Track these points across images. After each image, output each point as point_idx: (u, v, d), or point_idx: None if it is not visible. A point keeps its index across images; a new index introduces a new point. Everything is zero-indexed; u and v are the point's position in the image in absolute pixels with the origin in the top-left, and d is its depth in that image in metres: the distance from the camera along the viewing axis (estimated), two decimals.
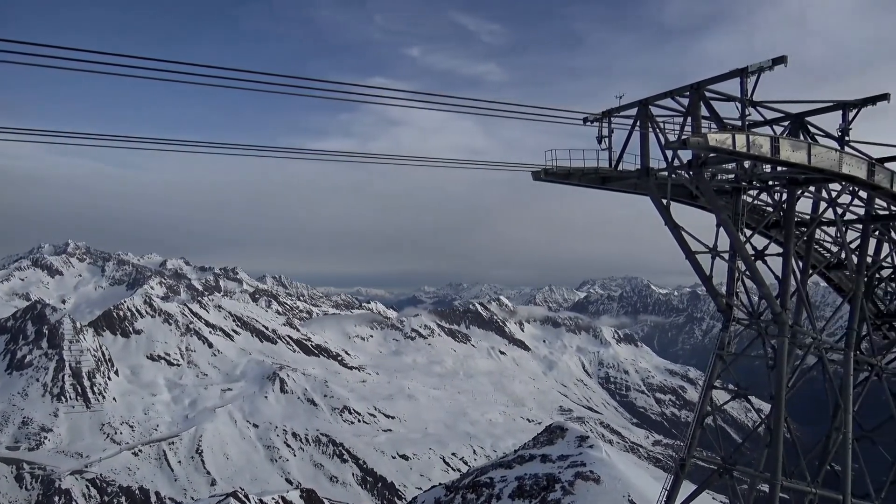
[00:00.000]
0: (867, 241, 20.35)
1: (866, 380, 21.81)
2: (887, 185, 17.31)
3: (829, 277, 22.74)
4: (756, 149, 14.71)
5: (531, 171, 19.39)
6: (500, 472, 42.76)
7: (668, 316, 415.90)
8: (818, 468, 21.02)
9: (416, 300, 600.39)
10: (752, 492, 19.89)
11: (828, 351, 20.03)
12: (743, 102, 16.03)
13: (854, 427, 20.15)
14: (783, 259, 18.84)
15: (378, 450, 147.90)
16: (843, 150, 16.77)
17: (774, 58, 15.25)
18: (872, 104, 17.37)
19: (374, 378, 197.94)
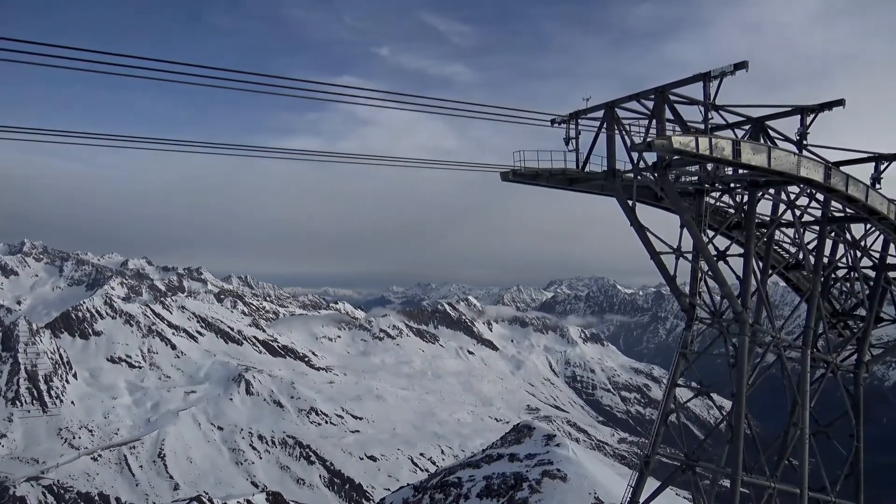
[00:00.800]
0: (824, 242, 20.98)
1: (822, 377, 22.49)
2: (842, 187, 17.83)
3: (788, 277, 23.39)
4: (718, 152, 15.03)
5: (499, 172, 19.47)
6: (469, 471, 42.85)
7: (634, 315, 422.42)
8: (777, 463, 21.60)
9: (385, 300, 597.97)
10: (714, 487, 20.30)
11: (786, 349, 20.57)
12: (706, 106, 16.36)
13: (811, 422, 20.74)
14: (744, 259, 19.30)
15: (346, 451, 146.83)
16: (801, 154, 17.22)
17: (736, 63, 15.59)
18: (828, 109, 17.87)
19: (342, 379, 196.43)
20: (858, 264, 22.51)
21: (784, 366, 20.37)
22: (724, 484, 19.37)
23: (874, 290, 22.89)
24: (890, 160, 19.92)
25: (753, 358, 19.87)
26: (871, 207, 18.70)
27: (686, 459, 20.79)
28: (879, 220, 19.49)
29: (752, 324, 19.21)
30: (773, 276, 21.87)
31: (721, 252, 20.25)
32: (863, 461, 23.03)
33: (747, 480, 19.32)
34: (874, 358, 24.12)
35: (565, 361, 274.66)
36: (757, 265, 19.91)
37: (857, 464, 22.99)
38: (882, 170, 19.95)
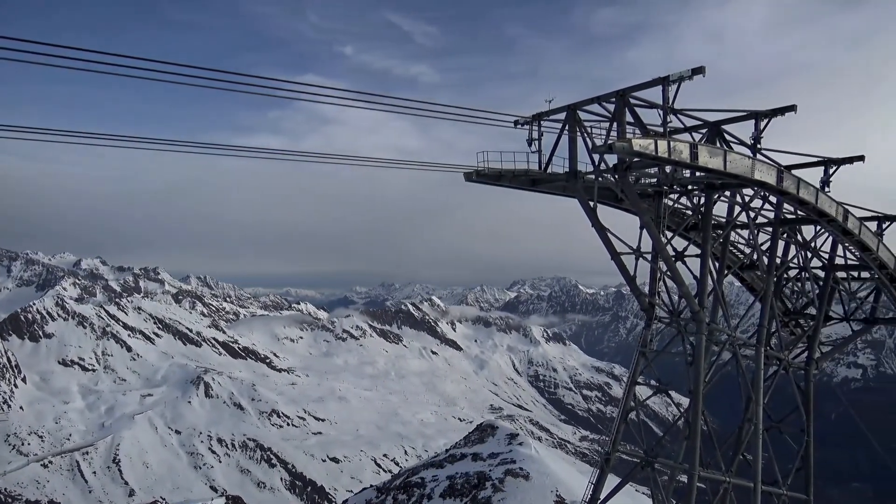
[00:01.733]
0: (776, 243, 21.65)
1: (775, 374, 23.21)
2: (794, 190, 18.40)
3: (743, 277, 24.08)
4: (677, 154, 15.33)
5: (463, 173, 19.51)
6: (432, 471, 42.84)
7: (595, 315, 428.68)
8: (732, 458, 22.17)
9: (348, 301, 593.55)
10: (672, 482, 20.74)
11: (741, 347, 21.14)
12: (665, 110, 16.69)
13: (764, 418, 21.36)
14: (701, 260, 19.75)
15: (308, 453, 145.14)
16: (755, 158, 17.69)
17: (694, 68, 15.95)
18: (781, 114, 18.43)
19: (304, 380, 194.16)
20: (809, 265, 23.31)
21: (739, 363, 20.93)
22: (682, 479, 19.79)
23: (823, 290, 23.73)
24: (838, 164, 20.67)
25: (710, 356, 20.35)
26: (820, 210, 19.34)
27: (645, 456, 21.17)
28: (828, 222, 20.18)
29: (709, 323, 19.68)
30: (728, 276, 22.47)
31: (679, 253, 20.70)
32: (812, 455, 23.86)
33: (704, 475, 19.78)
34: (824, 355, 25.01)
35: (528, 361, 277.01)
36: (713, 265, 20.41)
37: (807, 457, 23.80)
38: (831, 174, 20.68)
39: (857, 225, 20.69)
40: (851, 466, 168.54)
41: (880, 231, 22.55)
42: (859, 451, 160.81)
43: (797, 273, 24.02)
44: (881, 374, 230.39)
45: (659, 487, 20.76)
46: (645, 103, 16.93)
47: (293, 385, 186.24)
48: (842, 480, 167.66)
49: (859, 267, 23.48)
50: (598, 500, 21.94)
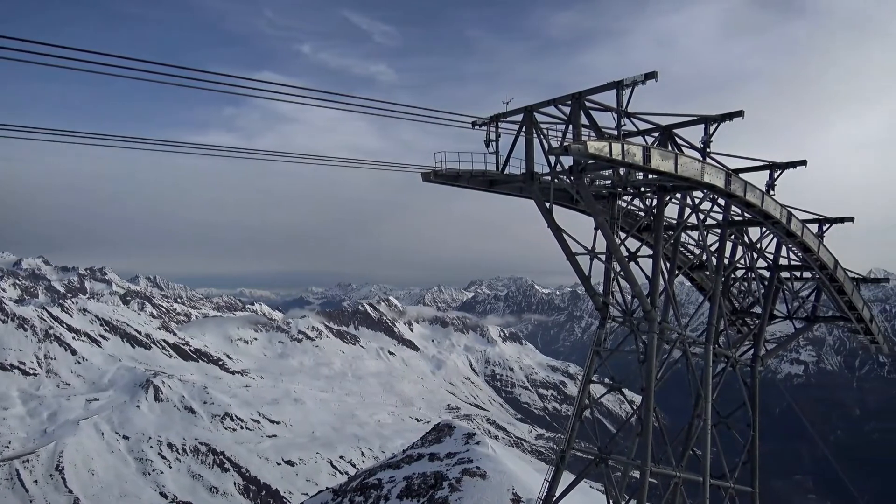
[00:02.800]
0: (724, 244, 22.34)
1: (723, 371, 23.94)
2: (741, 193, 18.99)
3: (693, 277, 24.78)
4: (630, 157, 15.63)
5: (421, 173, 19.50)
6: (389, 472, 42.63)
7: (551, 314, 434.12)
8: (682, 453, 22.76)
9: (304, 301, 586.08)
10: (625, 478, 21.16)
11: (691, 345, 21.73)
12: (619, 113, 17.02)
13: (712, 414, 22.01)
14: (653, 260, 20.21)
15: (262, 456, 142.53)
16: (704, 161, 18.20)
17: (647, 73, 16.32)
18: (729, 120, 19.02)
19: (259, 382, 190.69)
20: (755, 265, 24.14)
21: (689, 361, 21.51)
22: (635, 475, 20.20)
23: (769, 289, 24.59)
24: (782, 168, 21.46)
25: (661, 354, 20.84)
26: (766, 212, 20.01)
27: (599, 453, 21.53)
28: (773, 224, 20.89)
29: (660, 322, 20.15)
30: (679, 276, 23.07)
31: (632, 253, 21.13)
32: (758, 449, 24.70)
33: (655, 471, 20.24)
34: (768, 352, 25.93)
35: (485, 360, 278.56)
36: (665, 266, 20.90)
37: (753, 451, 24.62)
38: (775, 177, 21.46)
39: (799, 227, 21.51)
40: (794, 459, 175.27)
41: (821, 233, 23.49)
42: (801, 444, 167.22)
43: (744, 273, 24.84)
44: (821, 370, 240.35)
45: (612, 483, 21.14)
46: (600, 106, 17.24)
47: (247, 387, 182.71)
48: (785, 473, 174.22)
49: (801, 267, 24.40)
50: (553, 497, 22.22)
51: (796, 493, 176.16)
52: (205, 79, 13.51)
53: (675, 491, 21.28)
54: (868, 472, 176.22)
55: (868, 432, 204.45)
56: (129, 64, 12.23)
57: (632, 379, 21.32)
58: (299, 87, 15.09)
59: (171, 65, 12.75)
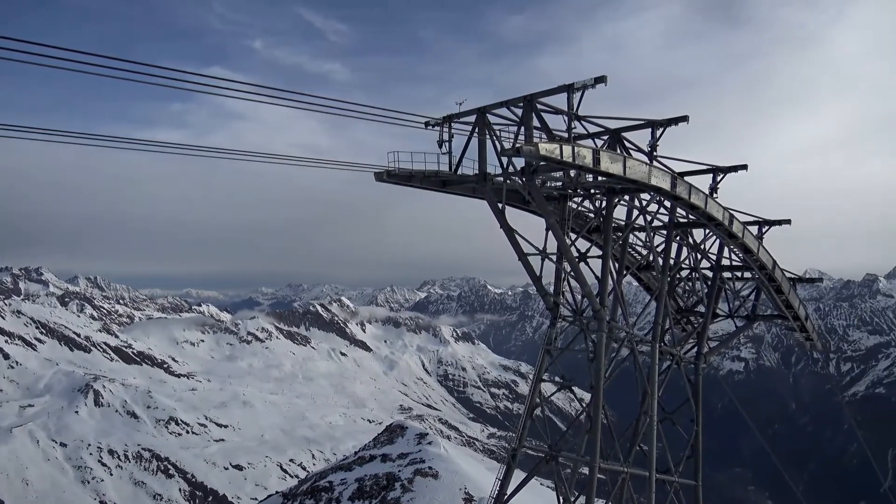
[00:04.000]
0: (670, 245, 22.99)
1: (668, 368, 24.63)
2: (686, 196, 19.58)
3: (640, 277, 25.41)
4: (580, 159, 15.90)
5: (373, 172, 19.37)
6: (340, 474, 42.22)
7: (503, 314, 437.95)
8: (629, 449, 23.30)
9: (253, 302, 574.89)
10: (574, 475, 21.52)
11: (638, 343, 22.26)
12: (569, 116, 17.29)
13: (658, 410, 22.62)
14: (602, 261, 20.63)
15: (209, 461, 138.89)
16: (651, 164, 18.68)
17: (596, 77, 16.62)
18: (675, 124, 19.57)
19: (206, 385, 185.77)
20: (699, 265, 24.95)
21: (636, 359, 22.03)
22: (584, 472, 20.56)
23: (711, 289, 25.45)
24: (725, 172, 22.24)
25: (610, 352, 21.28)
26: (709, 214, 20.68)
27: (549, 451, 21.83)
28: (716, 226, 21.62)
29: (609, 321, 20.58)
30: (627, 276, 23.62)
31: (582, 254, 21.51)
32: (701, 443, 25.51)
33: (604, 467, 20.65)
34: (711, 350, 26.82)
35: (438, 360, 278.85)
36: (613, 266, 21.36)
37: (696, 446, 25.40)
38: (718, 180, 22.23)
39: (740, 229, 22.32)
40: (734, 453, 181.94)
41: (760, 235, 24.45)
42: (741, 437, 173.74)
43: (688, 273, 25.62)
44: (761, 366, 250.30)
45: (562, 480, 21.46)
46: (551, 109, 17.47)
47: (193, 391, 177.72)
48: (726, 466, 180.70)
49: (742, 268, 25.33)
50: (504, 495, 22.41)
51: (737, 485, 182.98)
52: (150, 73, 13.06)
53: (623, 486, 21.77)
54: (802, 463, 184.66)
55: (803, 425, 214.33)
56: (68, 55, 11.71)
57: (581, 377, 21.71)
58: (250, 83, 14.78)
59: (113, 57, 12.29)
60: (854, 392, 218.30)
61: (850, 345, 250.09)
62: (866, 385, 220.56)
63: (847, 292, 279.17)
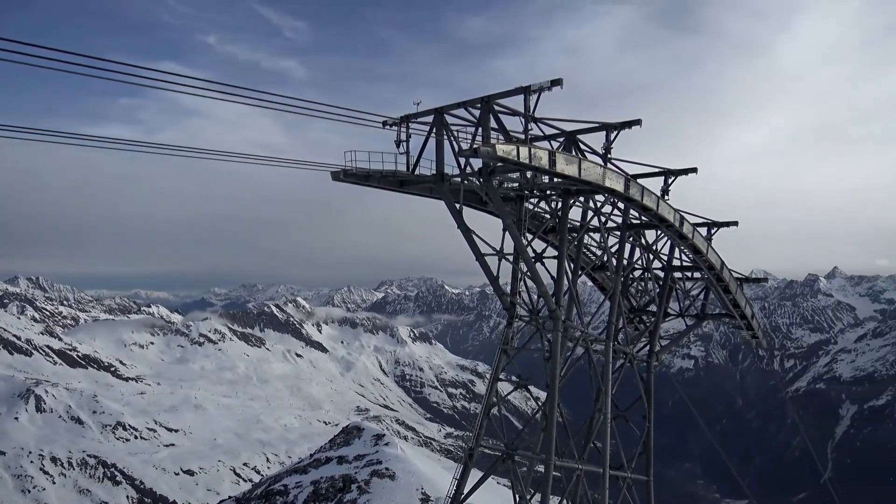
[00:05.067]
0: (623, 246, 23.48)
1: (622, 366, 25.14)
2: (639, 197, 20.01)
3: (595, 277, 25.86)
4: (537, 161, 16.07)
5: (330, 172, 19.17)
6: (295, 478, 41.63)
7: (460, 314, 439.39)
8: (584, 447, 23.69)
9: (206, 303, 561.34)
10: (530, 473, 21.74)
11: (592, 343, 22.65)
12: (526, 118, 17.45)
13: (611, 408, 23.07)
14: (558, 261, 20.91)
15: (158, 467, 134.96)
16: (605, 166, 19.03)
17: (553, 80, 16.83)
18: (629, 127, 19.97)
19: (155, 389, 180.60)
20: (651, 266, 25.54)
21: (590, 358, 22.40)
22: (540, 469, 20.79)
23: (663, 289, 26.09)
24: (676, 175, 22.81)
25: (565, 351, 21.59)
26: (661, 216, 21.19)
27: (506, 449, 22.00)
28: (667, 227, 22.17)
29: (565, 320, 20.87)
30: (582, 276, 24.00)
31: (538, 254, 21.75)
32: (653, 440, 26.13)
33: (559, 465, 20.93)
34: (663, 348, 27.49)
35: (395, 361, 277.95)
36: (569, 266, 21.67)
37: (648, 442, 26.01)
38: (669, 183, 22.79)
39: (690, 230, 22.94)
40: (684, 448, 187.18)
41: (709, 236, 25.20)
42: (691, 433, 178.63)
43: (641, 273, 26.22)
44: (710, 363, 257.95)
45: (518, 479, 21.66)
46: (508, 110, 17.60)
47: (142, 394, 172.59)
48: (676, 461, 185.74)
49: (692, 268, 26.05)
50: (461, 494, 22.48)
51: (687, 480, 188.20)
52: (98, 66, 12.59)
53: (577, 483, 22.11)
54: (749, 457, 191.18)
55: (749, 420, 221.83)
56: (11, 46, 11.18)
57: (537, 376, 21.95)
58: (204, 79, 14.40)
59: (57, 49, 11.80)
60: (797, 388, 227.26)
61: (792, 342, 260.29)
62: (808, 381, 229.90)
63: (790, 292, 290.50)
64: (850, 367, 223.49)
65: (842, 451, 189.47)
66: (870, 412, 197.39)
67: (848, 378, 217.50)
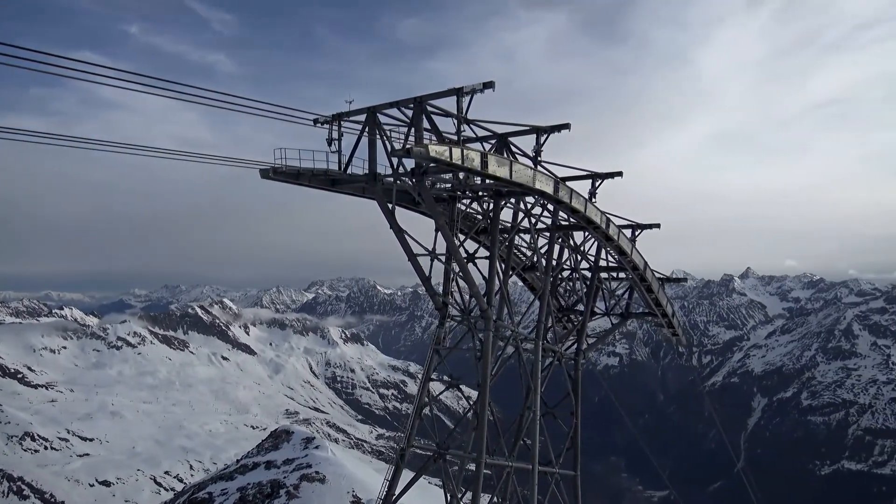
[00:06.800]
0: (553, 247, 24.05)
1: (550, 364, 25.73)
2: (567, 200, 20.53)
3: (525, 278, 26.35)
4: (469, 162, 16.21)
5: (259, 169, 18.68)
6: (221, 484, 40.35)
7: (392, 315, 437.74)
8: (514, 444, 24.10)
9: (124, 305, 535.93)
10: (462, 472, 21.91)
11: (522, 342, 23.07)
12: (459, 119, 17.56)
13: (541, 405, 23.56)
14: (489, 262, 21.18)
15: (71, 479, 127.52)
16: (536, 169, 19.41)
17: (485, 82, 17.01)
18: (558, 131, 20.45)
19: (68, 396, 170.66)
20: (579, 266, 26.28)
21: (521, 356, 22.81)
22: (471, 468, 20.98)
23: (590, 289, 26.89)
24: (602, 178, 23.57)
25: (496, 350, 21.89)
26: (588, 218, 21.82)
27: (437, 449, 22.09)
28: (594, 229, 22.86)
29: (496, 320, 21.16)
30: (512, 276, 24.41)
31: (470, 255, 21.96)
32: (580, 435, 26.87)
33: (490, 462, 21.19)
34: (590, 346, 28.32)
35: (326, 362, 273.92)
36: (500, 267, 21.99)
37: (575, 438, 26.73)
38: (597, 186, 23.52)
39: (616, 232, 23.75)
40: (609, 443, 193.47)
41: (633, 237, 26.16)
42: (615, 428, 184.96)
43: (569, 274, 26.92)
44: (633, 360, 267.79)
45: (449, 478, 21.78)
46: (441, 111, 17.65)
47: (53, 402, 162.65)
48: (602, 455, 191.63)
49: (618, 269, 26.99)
50: (393, 495, 22.39)
51: (612, 474, 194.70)
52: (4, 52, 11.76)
53: (507, 480, 22.45)
54: (668, 449, 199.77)
55: (669, 414, 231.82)
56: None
57: (469, 375, 22.15)
58: (126, 70, 13.68)
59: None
60: (713, 382, 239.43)
61: (709, 339, 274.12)
62: (723, 375, 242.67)
63: (708, 291, 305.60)
64: (761, 362, 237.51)
65: (753, 442, 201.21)
66: (778, 404, 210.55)
67: (759, 372, 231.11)
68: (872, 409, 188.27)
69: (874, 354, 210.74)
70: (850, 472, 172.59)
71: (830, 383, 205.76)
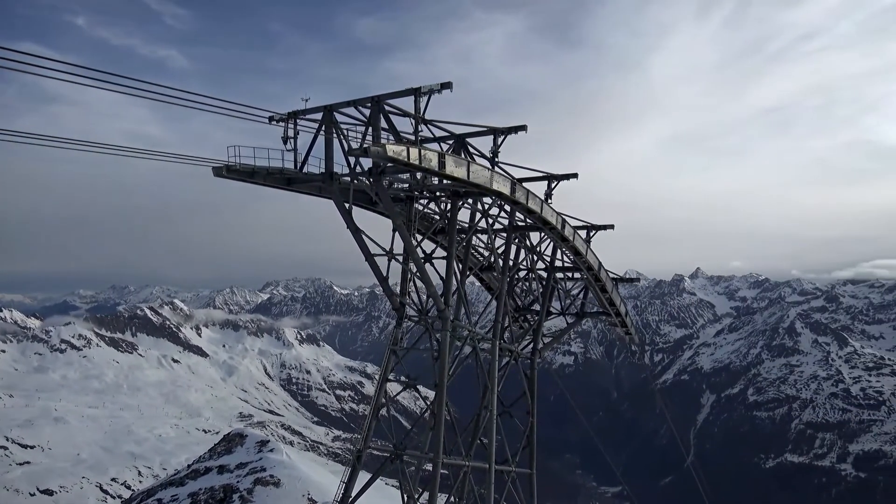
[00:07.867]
0: (510, 247, 24.28)
1: (507, 364, 25.96)
2: (524, 201, 20.75)
3: (482, 278, 26.54)
4: (426, 162, 16.22)
5: (212, 167, 18.28)
6: (171, 490, 39.32)
7: (349, 315, 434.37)
8: (471, 443, 24.22)
9: (69, 306, 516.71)
10: (419, 472, 21.93)
11: (479, 341, 23.22)
12: (416, 119, 17.56)
13: (497, 404, 23.75)
14: (447, 262, 21.23)
15: (10, 488, 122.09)
16: (493, 170, 19.57)
17: (443, 82, 17.06)
18: (515, 133, 20.68)
19: (7, 402, 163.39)
20: (535, 266, 26.60)
21: (478, 356, 22.95)
22: (428, 468, 21.00)
23: (546, 289, 27.24)
24: (558, 180, 23.92)
25: (453, 350, 21.98)
26: (544, 219, 22.09)
27: (394, 450, 22.04)
28: (550, 229, 23.16)
29: (453, 320, 21.24)
30: (470, 276, 24.54)
31: (427, 255, 21.99)
32: (536, 434, 27.20)
33: (447, 462, 21.25)
34: (545, 345, 28.70)
35: (280, 364, 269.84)
36: (457, 267, 22.08)
37: (531, 436, 27.03)
38: (552, 187, 23.86)
39: (571, 233, 24.12)
40: (564, 440, 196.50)
41: (588, 238, 26.62)
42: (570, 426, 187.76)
43: (525, 274, 27.23)
44: (588, 359, 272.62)
45: (406, 478, 21.76)
46: (398, 111, 17.61)
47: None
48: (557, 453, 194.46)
49: (573, 269, 27.42)
50: (349, 497, 22.23)
51: (567, 471, 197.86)
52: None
53: (464, 479, 22.55)
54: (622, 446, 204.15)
55: (623, 412, 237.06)
56: None
57: (426, 375, 22.15)
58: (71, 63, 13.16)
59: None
60: (664, 379, 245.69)
61: (661, 337, 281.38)
62: (674, 373, 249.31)
63: (659, 290, 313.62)
64: (710, 360, 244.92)
65: (702, 437, 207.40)
66: (726, 400, 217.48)
67: (708, 370, 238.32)
68: (813, 404, 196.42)
69: (815, 351, 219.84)
70: (793, 465, 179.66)
71: (775, 379, 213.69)
